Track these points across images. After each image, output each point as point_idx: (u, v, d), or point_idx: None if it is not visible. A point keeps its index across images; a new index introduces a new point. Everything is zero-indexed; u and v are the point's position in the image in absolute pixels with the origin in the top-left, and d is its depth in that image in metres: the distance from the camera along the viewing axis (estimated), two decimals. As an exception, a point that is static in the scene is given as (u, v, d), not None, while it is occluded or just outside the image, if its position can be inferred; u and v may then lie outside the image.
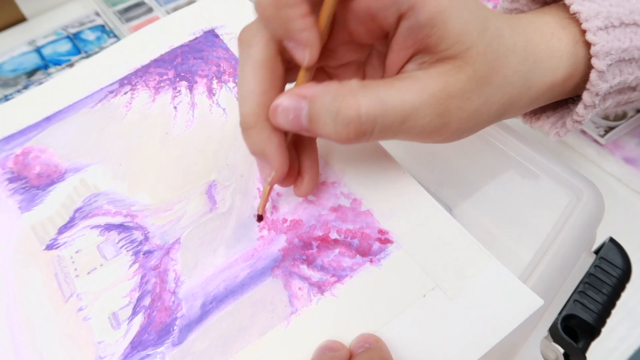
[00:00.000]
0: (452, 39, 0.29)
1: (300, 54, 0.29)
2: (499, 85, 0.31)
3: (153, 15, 0.72)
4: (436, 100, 0.29)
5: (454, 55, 0.29)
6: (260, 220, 0.35)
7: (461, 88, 0.30)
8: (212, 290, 0.32)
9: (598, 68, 0.34)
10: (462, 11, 0.29)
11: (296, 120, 0.30)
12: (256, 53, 0.30)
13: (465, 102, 0.30)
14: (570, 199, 0.37)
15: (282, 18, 0.28)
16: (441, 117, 0.30)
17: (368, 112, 0.29)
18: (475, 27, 0.29)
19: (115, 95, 0.42)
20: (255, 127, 0.31)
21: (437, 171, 0.40)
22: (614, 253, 0.35)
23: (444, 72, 0.29)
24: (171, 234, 0.35)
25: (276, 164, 0.31)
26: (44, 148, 0.40)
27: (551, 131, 0.39)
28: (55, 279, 0.34)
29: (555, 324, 0.34)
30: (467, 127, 0.32)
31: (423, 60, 0.30)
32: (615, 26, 0.34)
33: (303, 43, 0.29)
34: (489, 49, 0.30)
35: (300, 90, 0.30)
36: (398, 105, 0.29)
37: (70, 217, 0.36)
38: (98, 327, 0.32)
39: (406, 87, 0.29)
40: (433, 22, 0.28)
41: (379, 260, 0.32)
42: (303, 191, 0.34)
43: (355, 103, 0.28)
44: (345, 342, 0.30)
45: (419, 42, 0.29)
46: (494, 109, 0.32)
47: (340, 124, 0.29)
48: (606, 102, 0.37)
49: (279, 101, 0.30)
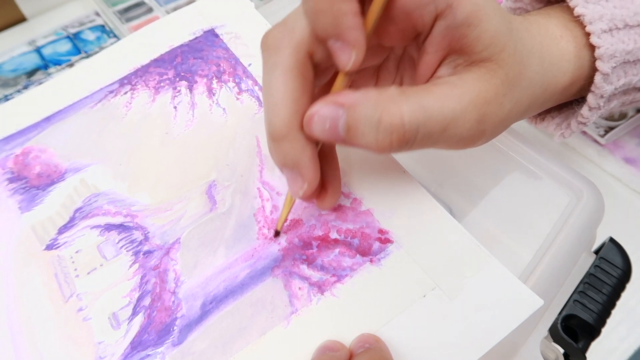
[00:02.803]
0: (488, 39, 0.28)
1: (346, 56, 0.28)
2: (525, 87, 0.31)
3: (153, 15, 0.72)
4: (474, 107, 0.29)
5: (488, 57, 0.29)
6: (277, 236, 0.34)
7: (496, 93, 0.29)
8: (212, 290, 0.32)
9: (602, 70, 0.34)
10: (495, 12, 0.28)
11: (333, 129, 0.28)
12: (285, 58, 0.29)
13: (498, 107, 0.30)
14: (570, 199, 0.37)
15: (335, 11, 0.26)
16: (480, 123, 0.29)
17: (411, 120, 0.28)
18: (506, 28, 0.29)
19: (115, 95, 0.42)
20: (287, 137, 0.29)
21: (437, 171, 0.40)
22: (614, 253, 0.35)
23: (478, 77, 0.29)
24: (171, 234, 0.35)
25: (309, 176, 0.30)
26: (44, 148, 0.40)
27: (556, 132, 0.39)
28: (55, 279, 0.34)
29: (555, 324, 0.34)
30: (498, 130, 0.31)
31: (457, 63, 0.29)
32: (619, 28, 0.34)
33: (351, 43, 0.27)
34: (517, 50, 0.30)
35: (337, 98, 0.28)
36: (439, 113, 0.28)
37: (70, 217, 0.36)
38: (98, 327, 0.32)
39: (445, 94, 0.29)
40: (470, 20, 0.28)
41: (379, 260, 0.32)
42: (327, 205, 0.33)
43: (397, 110, 0.27)
44: (345, 342, 0.30)
45: (455, 42, 0.29)
46: (521, 110, 0.32)
47: (382, 133, 0.28)
48: (611, 104, 0.37)
49: (314, 109, 0.28)
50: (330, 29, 0.27)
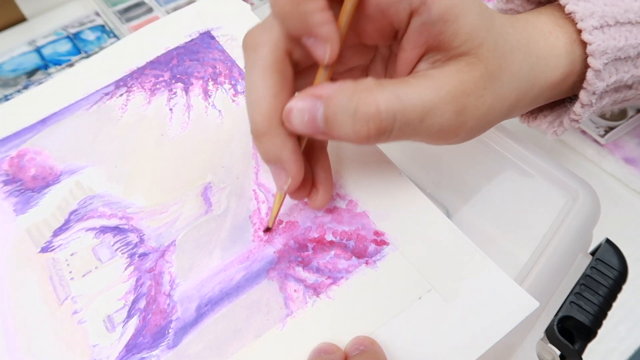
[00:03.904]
0: (465, 35, 0.29)
1: (321, 50, 0.28)
2: (508, 81, 0.31)
3: (153, 15, 0.72)
4: (453, 97, 0.29)
5: (466, 51, 0.29)
6: (268, 232, 0.34)
7: (475, 85, 0.30)
8: (207, 293, 0.32)
9: (594, 67, 0.34)
10: (472, 7, 0.29)
11: (312, 121, 0.29)
12: (264, 55, 0.29)
13: (479, 100, 0.30)
14: (566, 200, 0.37)
15: (300, 12, 0.27)
16: (458, 114, 0.30)
17: (387, 109, 0.28)
18: (484, 23, 0.29)
19: (111, 97, 0.42)
20: (268, 133, 0.29)
21: (433, 172, 0.40)
22: (610, 254, 0.35)
23: (457, 69, 0.29)
24: (166, 237, 0.35)
25: (293, 171, 0.30)
26: (39, 150, 0.40)
27: (549, 130, 0.39)
28: (50, 281, 0.34)
29: (551, 326, 0.34)
30: (481, 125, 0.32)
31: (435, 59, 0.30)
32: (610, 25, 0.34)
33: (323, 38, 0.28)
34: (497, 45, 0.30)
35: (315, 91, 0.29)
36: (416, 102, 0.28)
37: (65, 219, 0.36)
38: (93, 330, 0.32)
39: (422, 85, 0.29)
40: (446, 17, 0.28)
41: (375, 262, 0.32)
42: (318, 203, 0.33)
43: (373, 100, 0.28)
44: (341, 345, 0.30)
45: (432, 39, 0.29)
46: (505, 105, 0.32)
47: (359, 122, 0.28)
48: (603, 101, 0.37)
49: (292, 103, 0.29)
50: (300, 29, 0.28)
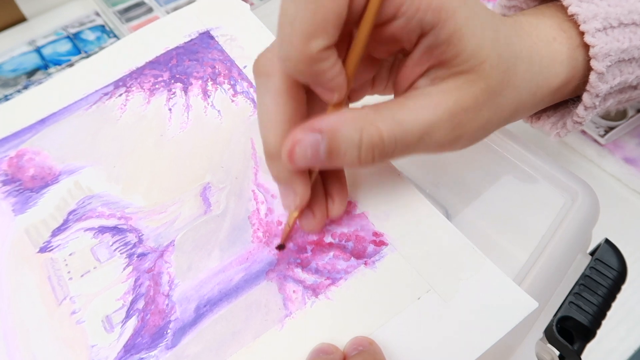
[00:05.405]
0: (467, 55, 0.29)
1: (328, 97, 0.29)
2: (509, 94, 0.31)
3: (153, 15, 0.72)
4: (449, 115, 0.29)
5: (467, 69, 0.29)
6: (281, 249, 0.34)
7: (475, 101, 0.30)
8: (206, 293, 0.32)
9: (597, 70, 0.33)
10: (477, 26, 0.29)
11: (314, 156, 0.29)
12: (276, 83, 0.30)
13: (477, 114, 0.30)
14: (566, 200, 0.37)
15: (313, 72, 0.28)
16: (455, 130, 0.30)
17: (389, 135, 0.29)
18: (489, 39, 0.29)
19: (110, 97, 0.42)
20: (280, 156, 0.30)
21: (433, 173, 0.40)
22: (609, 254, 0.35)
23: (456, 86, 0.29)
24: (165, 237, 0.35)
25: (300, 192, 0.31)
26: (38, 150, 0.40)
27: (552, 131, 0.39)
28: (48, 281, 0.34)
29: (550, 326, 0.33)
30: (478, 136, 0.32)
31: (436, 76, 0.30)
32: (613, 27, 0.34)
33: (332, 89, 0.29)
34: (501, 59, 0.30)
35: (314, 125, 0.29)
36: (413, 125, 0.29)
37: (64, 219, 0.36)
38: (91, 330, 0.32)
39: (419, 106, 0.29)
40: (450, 40, 0.28)
41: (374, 262, 0.32)
42: (336, 212, 0.34)
43: (376, 130, 0.29)
44: (340, 345, 0.30)
45: (435, 59, 0.29)
46: (504, 116, 0.32)
47: (365, 152, 0.29)
48: (607, 102, 0.37)
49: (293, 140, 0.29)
50: (311, 82, 0.29)
